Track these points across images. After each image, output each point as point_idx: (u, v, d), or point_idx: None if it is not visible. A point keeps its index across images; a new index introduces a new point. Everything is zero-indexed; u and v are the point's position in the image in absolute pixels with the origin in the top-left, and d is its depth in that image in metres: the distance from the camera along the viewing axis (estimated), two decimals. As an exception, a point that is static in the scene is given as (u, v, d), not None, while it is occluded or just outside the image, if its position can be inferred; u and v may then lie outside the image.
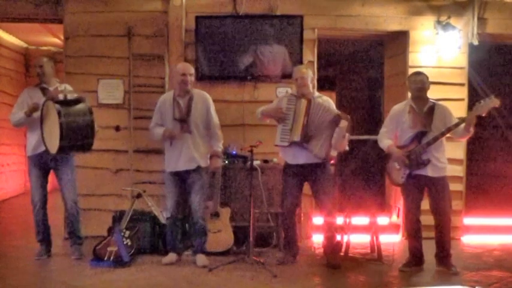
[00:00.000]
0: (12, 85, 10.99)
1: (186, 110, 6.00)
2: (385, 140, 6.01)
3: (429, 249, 5.97)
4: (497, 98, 5.61)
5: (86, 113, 5.86)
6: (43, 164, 6.19)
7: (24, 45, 11.67)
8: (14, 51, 11.32)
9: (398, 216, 7.52)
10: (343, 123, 5.79)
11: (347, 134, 5.84)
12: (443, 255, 5.87)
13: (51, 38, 10.59)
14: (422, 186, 5.85)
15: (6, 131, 10.63)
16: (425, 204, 5.93)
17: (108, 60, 7.32)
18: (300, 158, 5.97)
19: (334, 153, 5.92)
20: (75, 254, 6.25)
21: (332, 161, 6.07)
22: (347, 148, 6.00)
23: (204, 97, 6.14)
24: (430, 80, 6.41)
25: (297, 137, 5.89)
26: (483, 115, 5.67)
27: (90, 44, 7.30)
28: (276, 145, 6.06)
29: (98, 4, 7.28)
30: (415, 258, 5.96)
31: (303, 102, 5.92)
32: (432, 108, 5.81)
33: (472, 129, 5.68)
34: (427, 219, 5.92)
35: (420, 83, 5.84)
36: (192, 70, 6.12)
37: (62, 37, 7.62)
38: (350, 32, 7.75)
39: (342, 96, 10.82)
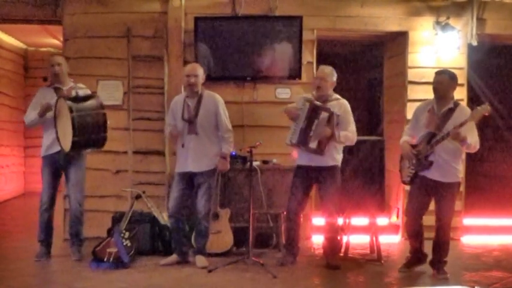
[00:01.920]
0: (11, 86, 10.99)
1: (194, 111, 6.00)
2: (404, 135, 5.96)
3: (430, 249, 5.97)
4: (488, 105, 5.43)
5: (98, 108, 5.91)
6: (55, 165, 6.20)
7: (24, 46, 11.66)
8: (13, 52, 11.31)
9: (398, 216, 7.52)
10: (324, 115, 5.78)
11: (327, 129, 5.79)
12: (435, 259, 5.81)
13: (50, 40, 10.58)
14: (429, 190, 5.74)
15: (6, 133, 10.64)
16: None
17: (108, 62, 7.33)
18: (310, 160, 5.97)
19: (313, 144, 5.84)
20: (76, 256, 6.24)
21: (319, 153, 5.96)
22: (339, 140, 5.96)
23: (214, 99, 6.12)
24: (429, 80, 6.39)
25: (294, 139, 5.91)
26: (475, 122, 5.52)
27: (90, 45, 7.31)
28: (286, 143, 6.05)
29: (97, 5, 7.28)
30: (415, 258, 5.94)
31: (305, 106, 5.90)
32: (451, 111, 5.64)
33: (465, 141, 5.43)
34: (429, 220, 5.91)
35: (435, 83, 5.73)
36: (198, 71, 6.06)
37: (61, 38, 7.62)
38: (349, 32, 7.77)
39: (341, 96, 10.82)
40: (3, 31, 10.31)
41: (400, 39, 7.67)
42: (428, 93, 6.68)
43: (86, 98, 5.96)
